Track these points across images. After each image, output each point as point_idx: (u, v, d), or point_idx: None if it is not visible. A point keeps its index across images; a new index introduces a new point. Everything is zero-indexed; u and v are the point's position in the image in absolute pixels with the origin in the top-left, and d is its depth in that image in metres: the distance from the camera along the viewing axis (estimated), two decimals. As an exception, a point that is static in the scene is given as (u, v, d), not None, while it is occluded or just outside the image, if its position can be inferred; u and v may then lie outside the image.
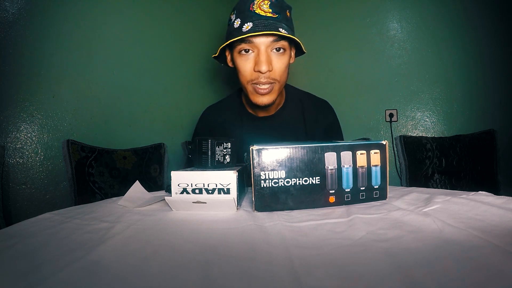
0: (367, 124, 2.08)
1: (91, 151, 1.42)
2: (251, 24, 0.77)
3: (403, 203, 0.55)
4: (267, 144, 0.52)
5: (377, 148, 0.56)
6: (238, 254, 0.34)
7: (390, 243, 0.35)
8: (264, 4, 0.78)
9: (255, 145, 0.52)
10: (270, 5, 0.78)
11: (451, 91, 1.90)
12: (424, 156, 1.73)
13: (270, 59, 0.80)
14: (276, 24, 0.77)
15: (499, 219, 0.41)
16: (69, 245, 0.38)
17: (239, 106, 1.00)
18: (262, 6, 0.78)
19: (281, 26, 0.77)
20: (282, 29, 0.76)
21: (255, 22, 0.77)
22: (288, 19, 0.82)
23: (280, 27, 0.77)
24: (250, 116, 0.98)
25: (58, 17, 1.43)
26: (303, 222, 0.45)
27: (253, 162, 0.52)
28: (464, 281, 0.26)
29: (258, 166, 0.52)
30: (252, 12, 0.78)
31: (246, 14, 0.78)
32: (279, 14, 0.78)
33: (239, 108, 1.00)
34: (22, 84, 1.33)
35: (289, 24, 0.82)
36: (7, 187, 1.27)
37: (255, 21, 0.77)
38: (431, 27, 1.92)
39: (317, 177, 0.53)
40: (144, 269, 0.31)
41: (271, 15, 0.77)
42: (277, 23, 0.77)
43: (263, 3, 0.78)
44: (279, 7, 0.79)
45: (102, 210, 0.57)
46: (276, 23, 0.77)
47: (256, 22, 0.76)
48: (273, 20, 0.77)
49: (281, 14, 0.79)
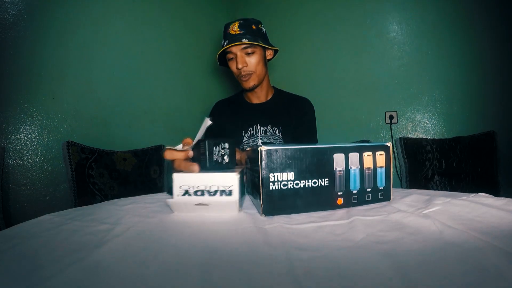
0: (367, 126, 2.08)
1: (91, 153, 1.43)
2: (227, 41, 1.18)
3: (403, 205, 0.55)
4: (276, 145, 0.51)
5: (382, 149, 0.56)
6: (238, 256, 0.34)
7: (390, 245, 0.35)
8: (235, 26, 1.18)
9: (264, 146, 0.50)
10: (239, 26, 1.18)
11: (451, 93, 1.90)
12: (424, 158, 1.73)
13: (243, 60, 1.18)
14: (240, 37, 1.16)
15: (499, 221, 0.41)
16: (70, 247, 0.38)
17: (241, 98, 1.38)
18: (234, 28, 1.18)
19: (244, 37, 1.16)
20: (244, 39, 1.15)
21: (228, 39, 1.18)
22: (253, 30, 1.19)
23: (243, 38, 1.15)
24: (248, 104, 1.36)
25: (58, 19, 1.43)
26: (303, 224, 0.45)
27: (261, 163, 0.50)
28: (464, 282, 0.26)
29: (267, 167, 0.50)
30: (228, 34, 1.20)
31: (226, 35, 1.21)
32: (244, 30, 1.18)
33: (240, 99, 1.38)
34: (22, 85, 1.33)
35: (254, 33, 1.19)
36: (7, 188, 1.27)
37: (228, 39, 1.19)
38: (431, 29, 1.93)
39: (325, 179, 0.52)
40: (144, 271, 0.31)
41: (238, 32, 1.18)
42: (242, 36, 1.16)
43: (234, 26, 1.18)
44: (245, 26, 1.19)
45: (102, 212, 0.57)
46: (241, 36, 1.16)
47: (229, 39, 1.18)
48: (239, 35, 1.17)
49: (246, 29, 1.18)
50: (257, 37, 1.19)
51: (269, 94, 1.35)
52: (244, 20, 1.20)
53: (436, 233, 0.38)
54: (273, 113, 1.31)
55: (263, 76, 1.26)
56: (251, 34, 1.18)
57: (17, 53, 1.31)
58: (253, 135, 1.29)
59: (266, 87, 1.32)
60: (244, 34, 1.17)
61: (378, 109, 2.04)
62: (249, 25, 1.20)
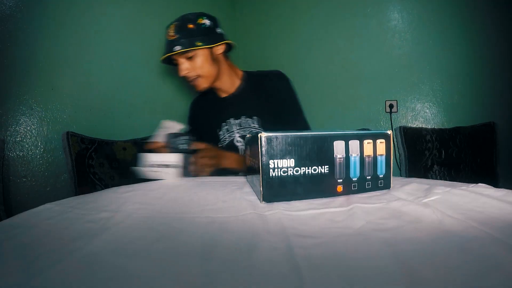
0: (366, 114, 2.07)
1: (91, 143, 1.42)
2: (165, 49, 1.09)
3: (403, 193, 0.55)
4: (277, 131, 0.51)
5: (382, 137, 0.56)
6: (238, 243, 0.34)
7: (390, 233, 0.36)
8: (171, 30, 1.07)
9: (264, 133, 0.50)
10: (174, 29, 1.06)
11: (452, 83, 1.89)
12: (424, 147, 1.73)
13: (184, 66, 1.10)
14: (174, 44, 1.06)
15: (498, 211, 0.42)
16: (70, 235, 0.38)
17: (213, 93, 1.27)
18: (170, 32, 1.07)
19: (178, 43, 1.05)
20: (178, 46, 1.05)
21: (166, 46, 1.09)
22: (190, 31, 1.07)
23: (176, 45, 1.05)
24: (218, 98, 1.27)
25: (56, 9, 1.41)
26: (303, 211, 0.45)
27: (261, 150, 0.50)
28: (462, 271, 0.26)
29: (267, 154, 0.50)
30: (166, 40, 1.09)
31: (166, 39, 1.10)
32: (180, 33, 1.06)
33: (213, 94, 1.28)
34: (21, 77, 1.32)
35: (191, 34, 1.07)
36: (8, 180, 1.28)
37: (166, 46, 1.09)
38: (432, 18, 1.90)
39: (326, 166, 0.52)
40: (144, 257, 0.31)
41: (173, 37, 1.06)
42: (175, 43, 1.06)
43: (170, 29, 1.07)
44: (180, 28, 1.06)
45: (103, 199, 0.57)
46: (174, 43, 1.06)
47: (166, 46, 1.09)
48: (173, 41, 1.06)
49: (182, 32, 1.06)
50: (194, 38, 1.07)
51: (235, 83, 1.24)
52: (180, 20, 1.08)
53: (436, 222, 0.39)
54: (244, 102, 1.21)
55: (214, 75, 1.16)
56: (187, 36, 1.06)
57: (15, 45, 1.30)
58: (228, 130, 1.22)
59: (228, 79, 1.21)
60: (179, 39, 1.06)
61: (378, 97, 2.03)
62: (184, 25, 1.07)
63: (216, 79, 1.17)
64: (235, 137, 1.21)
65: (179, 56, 1.08)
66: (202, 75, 1.13)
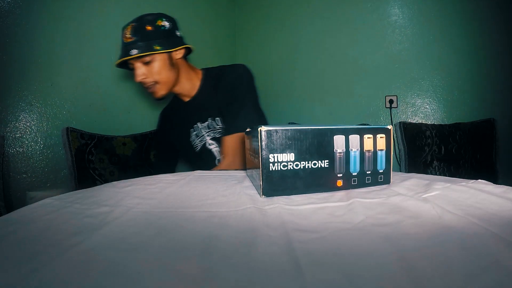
0: (366, 110, 2.07)
1: (91, 138, 1.42)
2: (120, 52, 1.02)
3: (403, 188, 0.55)
4: (276, 125, 0.51)
5: (382, 132, 0.56)
6: (237, 237, 0.34)
7: (389, 228, 0.35)
8: (128, 32, 0.99)
9: (264, 126, 0.50)
10: (131, 31, 0.99)
11: (452, 79, 1.88)
12: (424, 143, 1.73)
13: (141, 71, 1.03)
14: (130, 47, 0.98)
15: (498, 208, 0.41)
16: (69, 230, 0.38)
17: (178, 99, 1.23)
18: (126, 34, 1.00)
19: (134, 47, 0.98)
20: (134, 49, 0.98)
21: (121, 49, 1.02)
22: (147, 33, 1.00)
23: (132, 49, 0.98)
24: (183, 103, 1.21)
25: (55, 5, 1.41)
26: (303, 205, 0.45)
27: (261, 144, 0.50)
28: (461, 267, 0.26)
29: (267, 148, 0.50)
30: (122, 42, 1.02)
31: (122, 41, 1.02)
32: (137, 36, 0.99)
33: (178, 100, 1.24)
34: (20, 73, 1.32)
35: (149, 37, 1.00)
36: (8, 176, 1.28)
37: (121, 49, 1.02)
38: (432, 13, 1.90)
39: (325, 160, 0.52)
40: (142, 252, 0.31)
41: (130, 40, 0.99)
42: (132, 46, 0.98)
43: (127, 31, 1.00)
44: (138, 29, 0.99)
45: (102, 194, 0.57)
46: (131, 46, 0.98)
47: (122, 49, 1.01)
48: (130, 44, 0.99)
49: (139, 34, 0.99)
50: (152, 41, 1.01)
51: (196, 85, 1.18)
52: (138, 21, 1.01)
53: (435, 217, 0.38)
54: (207, 103, 1.15)
55: (172, 81, 1.10)
56: (145, 39, 1.00)
57: (14, 41, 1.30)
58: (197, 135, 1.18)
59: (188, 82, 1.15)
60: (135, 42, 0.99)
61: (378, 93, 2.03)
62: (142, 26, 1.00)
63: (175, 84, 1.13)
64: (206, 141, 1.17)
65: (135, 60, 1.02)
66: (160, 81, 1.07)
